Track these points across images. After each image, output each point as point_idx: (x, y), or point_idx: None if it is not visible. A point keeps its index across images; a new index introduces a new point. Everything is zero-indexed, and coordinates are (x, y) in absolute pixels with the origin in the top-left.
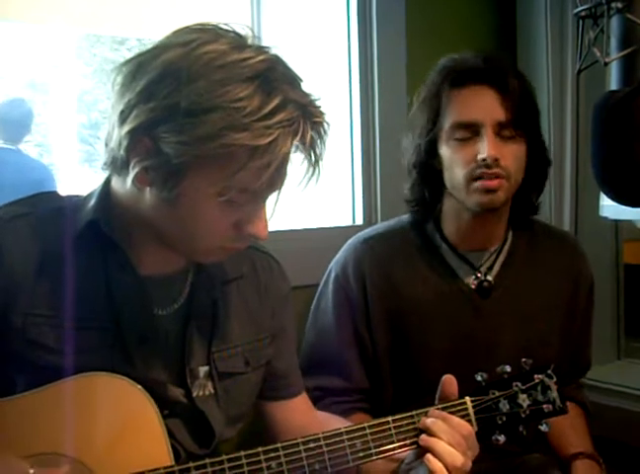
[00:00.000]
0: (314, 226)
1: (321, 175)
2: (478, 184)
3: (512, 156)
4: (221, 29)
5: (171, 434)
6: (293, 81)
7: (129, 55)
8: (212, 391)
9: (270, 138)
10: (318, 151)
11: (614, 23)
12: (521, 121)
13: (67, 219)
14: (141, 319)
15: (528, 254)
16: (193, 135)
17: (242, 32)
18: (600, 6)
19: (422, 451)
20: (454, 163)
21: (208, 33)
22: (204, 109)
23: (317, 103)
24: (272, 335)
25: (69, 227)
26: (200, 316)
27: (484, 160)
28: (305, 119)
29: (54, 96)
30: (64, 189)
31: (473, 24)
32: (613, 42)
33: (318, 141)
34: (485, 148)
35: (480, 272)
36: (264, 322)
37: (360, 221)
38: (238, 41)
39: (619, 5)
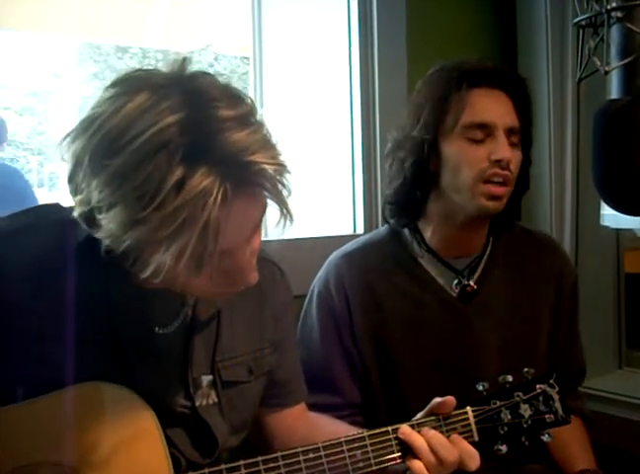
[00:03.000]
0: (315, 235)
1: (291, 215)
2: (485, 188)
3: (516, 162)
4: (146, 77)
5: (173, 444)
6: (228, 121)
7: (131, 65)
8: (216, 400)
9: (174, 226)
10: (275, 193)
11: (614, 32)
12: (527, 131)
13: (68, 231)
14: (142, 334)
15: (509, 258)
16: (109, 230)
17: (175, 65)
18: (600, 15)
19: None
20: (463, 163)
21: (120, 98)
22: (108, 205)
23: (264, 144)
24: (274, 343)
25: (70, 239)
26: (204, 326)
27: (499, 161)
28: (226, 178)
29: (56, 104)
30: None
31: (474, 33)
32: (613, 51)
33: (273, 185)
34: (501, 149)
35: (463, 276)
36: (266, 330)
37: (360, 230)
38: (155, 97)
39: (619, 14)
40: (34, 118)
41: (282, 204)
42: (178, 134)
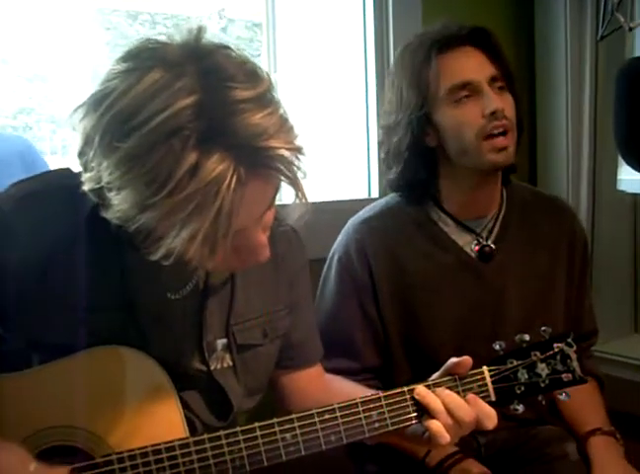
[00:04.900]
0: (330, 199)
1: (306, 199)
2: (489, 144)
3: (509, 106)
4: (159, 51)
5: (188, 407)
6: (244, 103)
7: (142, 32)
8: (230, 363)
9: (186, 212)
10: (291, 177)
11: None
12: (509, 73)
13: (79, 197)
14: (154, 299)
15: (523, 218)
16: (119, 210)
17: (190, 36)
18: None
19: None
20: (461, 125)
21: (132, 74)
22: (118, 187)
23: (280, 127)
24: (289, 306)
25: (81, 205)
26: (218, 290)
27: (493, 113)
28: (241, 163)
29: (67, 70)
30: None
31: None
32: (638, 7)
33: (289, 169)
34: (491, 101)
35: (481, 237)
36: (281, 293)
37: (375, 194)
38: (169, 75)
39: None
40: (45, 85)
41: (298, 188)
42: (192, 118)
